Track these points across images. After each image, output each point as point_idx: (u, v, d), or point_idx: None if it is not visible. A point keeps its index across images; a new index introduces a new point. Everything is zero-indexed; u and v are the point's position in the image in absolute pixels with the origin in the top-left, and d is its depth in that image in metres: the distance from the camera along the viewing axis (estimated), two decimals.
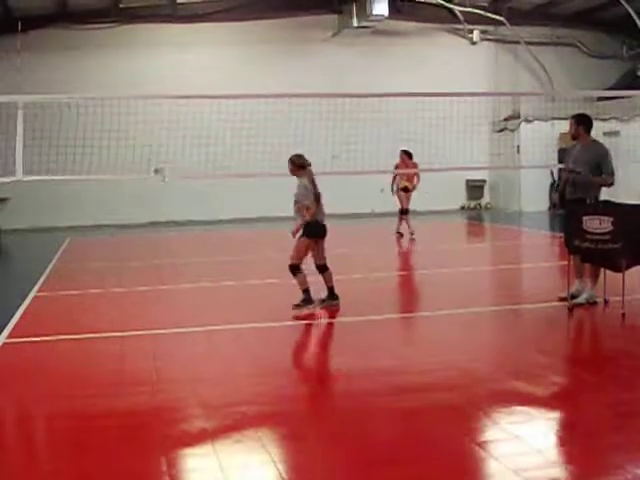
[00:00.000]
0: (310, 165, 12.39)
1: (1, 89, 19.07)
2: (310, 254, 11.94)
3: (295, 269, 11.73)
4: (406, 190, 22.53)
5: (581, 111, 13.12)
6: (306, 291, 11.71)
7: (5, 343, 10.36)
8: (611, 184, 11.85)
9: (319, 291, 11.94)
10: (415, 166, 22.54)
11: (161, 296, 14.08)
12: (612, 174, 11.75)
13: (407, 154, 22.55)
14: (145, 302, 13.66)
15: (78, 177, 21.53)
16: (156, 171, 18.09)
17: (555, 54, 32.83)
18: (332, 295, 12.00)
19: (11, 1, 26.27)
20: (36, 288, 14.80)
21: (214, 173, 24.36)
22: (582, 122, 12.07)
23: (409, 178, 22.67)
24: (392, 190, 22.86)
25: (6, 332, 10.94)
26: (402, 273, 16.24)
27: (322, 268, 12.01)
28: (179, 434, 6.97)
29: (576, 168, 11.76)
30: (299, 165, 12.36)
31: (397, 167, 22.62)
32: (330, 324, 11.32)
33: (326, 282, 12.00)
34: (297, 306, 11.65)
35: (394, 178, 22.79)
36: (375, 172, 24.34)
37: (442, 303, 12.50)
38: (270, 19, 30.28)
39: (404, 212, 22.59)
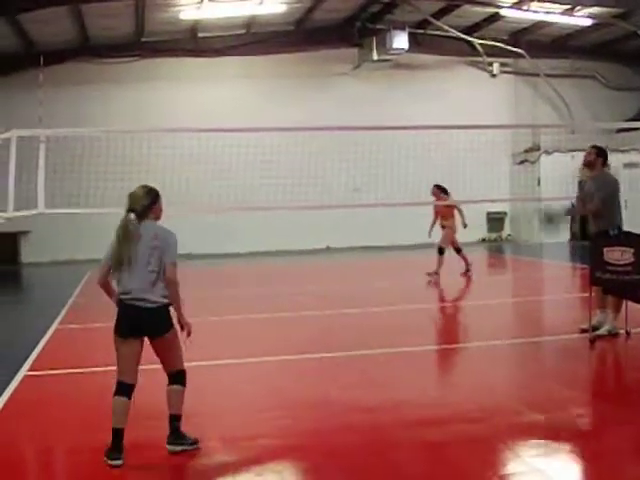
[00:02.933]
0: None
1: (23, 123, 19.17)
2: None
3: None
4: (444, 227, 20.67)
5: (601, 143, 13.14)
6: None
7: (27, 375, 10.38)
8: (591, 210, 11.85)
9: None
10: (446, 200, 20.63)
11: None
12: (600, 200, 11.71)
13: (440, 189, 20.65)
14: None
15: (99, 210, 21.59)
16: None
17: (574, 86, 32.83)
18: None
19: (33, 35, 26.51)
20: (57, 321, 14.84)
21: (234, 206, 24.41)
22: (602, 155, 12.06)
23: (444, 215, 20.67)
24: (429, 234, 20.53)
25: (27, 365, 10.97)
26: (423, 306, 16.19)
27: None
28: (200, 467, 6.96)
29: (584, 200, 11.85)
30: None
31: (435, 207, 20.86)
32: (351, 357, 11.27)
33: None
34: None
35: (434, 219, 20.82)
36: (396, 204, 24.35)
37: (464, 336, 12.48)
38: (290, 53, 30.42)
39: (441, 251, 20.29)
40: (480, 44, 31.19)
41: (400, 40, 28.43)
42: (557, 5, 27.31)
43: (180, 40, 29.38)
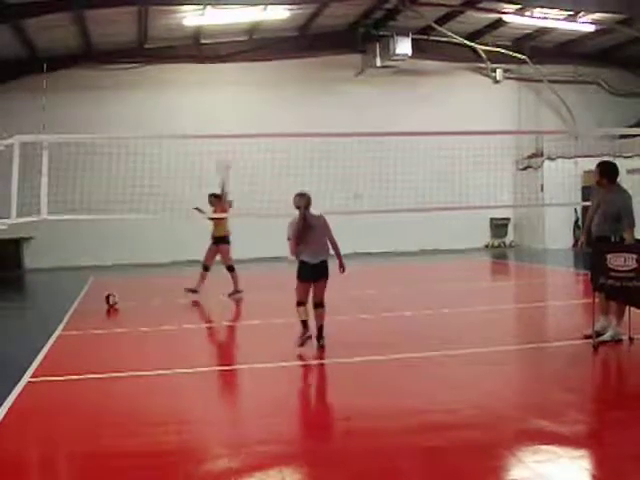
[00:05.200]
0: (302, 206, 12.02)
1: (26, 129, 19.16)
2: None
3: (298, 304, 12.03)
4: None
5: (604, 149, 13.05)
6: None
7: (30, 382, 10.36)
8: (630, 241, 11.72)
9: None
10: None
11: (183, 335, 14.07)
12: (631, 226, 11.64)
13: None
14: (167, 341, 13.63)
15: (102, 217, 21.64)
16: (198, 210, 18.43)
17: (578, 92, 32.84)
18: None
19: (37, 42, 26.53)
20: (61, 327, 14.82)
21: (237, 212, 24.34)
22: (605, 174, 11.95)
23: None
24: None
25: (30, 371, 10.96)
26: (426, 312, 16.17)
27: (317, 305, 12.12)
28: (203, 474, 6.94)
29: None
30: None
31: None
32: (352, 363, 11.25)
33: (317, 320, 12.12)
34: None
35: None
36: (398, 211, 24.33)
37: (467, 341, 12.43)
38: (294, 59, 30.45)
39: None
40: (483, 50, 31.21)
41: (403, 46, 28.47)
42: (560, 11, 27.31)
43: (183, 46, 29.41)
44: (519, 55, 31.33)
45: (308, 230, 11.89)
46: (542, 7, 26.79)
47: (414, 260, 28.08)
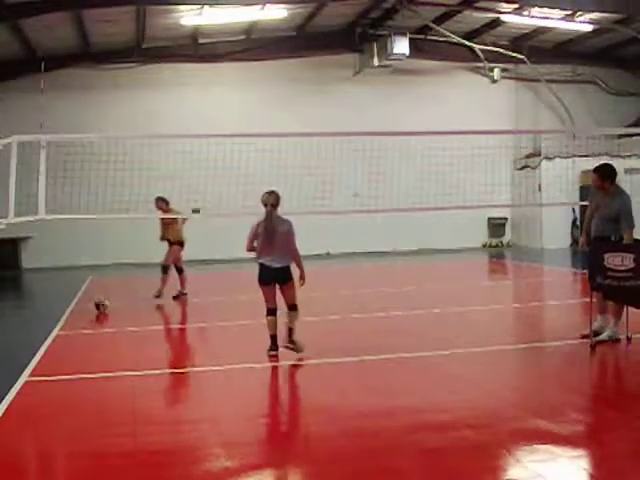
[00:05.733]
0: (269, 204, 11.48)
1: (24, 128, 19.17)
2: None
3: (268, 313, 11.47)
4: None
5: (601, 149, 13.01)
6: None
7: (27, 382, 10.36)
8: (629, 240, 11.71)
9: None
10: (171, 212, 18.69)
11: (180, 335, 14.08)
12: (630, 227, 11.62)
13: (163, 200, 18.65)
14: (164, 341, 13.66)
15: (100, 216, 21.64)
16: (196, 211, 18.37)
17: (575, 92, 32.85)
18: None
19: (35, 41, 26.51)
20: (58, 327, 14.81)
21: (238, 211, 24.33)
22: (607, 177, 11.90)
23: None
24: None
25: (28, 370, 10.97)
26: (423, 311, 16.17)
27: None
28: (200, 474, 6.95)
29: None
30: None
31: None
32: (349, 363, 11.25)
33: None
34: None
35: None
36: (396, 210, 24.35)
37: (464, 341, 12.44)
38: (291, 59, 30.45)
39: None
40: (481, 50, 31.20)
41: (401, 46, 28.44)
42: (558, 11, 27.31)
43: (181, 46, 29.39)
44: (517, 55, 31.33)
45: (272, 232, 11.37)
46: (540, 7, 26.80)
47: (411, 259, 28.08)
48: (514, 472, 6.75)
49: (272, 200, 11.44)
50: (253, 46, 29.80)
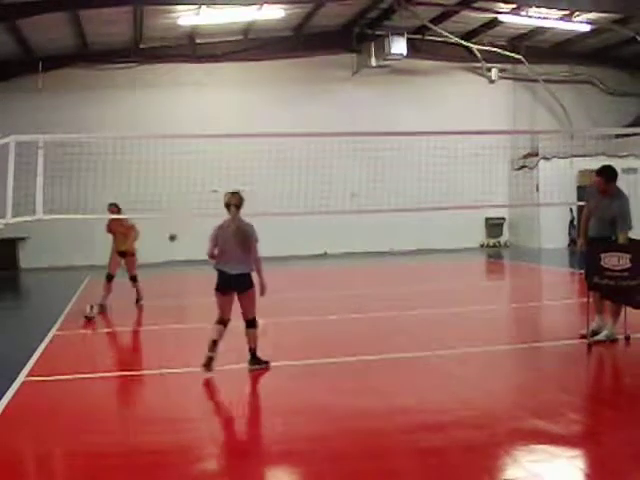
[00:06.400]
0: (233, 204, 10.70)
1: (22, 128, 19.15)
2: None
3: (218, 322, 10.65)
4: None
5: (599, 149, 12.96)
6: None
7: (25, 382, 10.36)
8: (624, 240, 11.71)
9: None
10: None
11: (176, 335, 14.08)
12: (626, 228, 11.60)
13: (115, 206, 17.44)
14: (161, 341, 13.64)
15: (98, 216, 21.57)
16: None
17: (573, 92, 32.88)
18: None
19: (32, 42, 26.52)
20: (56, 327, 14.81)
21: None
22: (612, 179, 11.88)
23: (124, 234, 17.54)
24: None
25: (26, 370, 10.96)
26: (421, 312, 16.17)
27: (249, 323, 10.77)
28: (198, 473, 6.95)
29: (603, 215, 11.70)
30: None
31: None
32: (347, 363, 11.25)
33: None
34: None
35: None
36: (394, 210, 24.34)
37: (462, 341, 12.44)
38: (289, 59, 30.46)
39: None
40: (478, 50, 31.22)
41: (398, 46, 28.46)
42: (555, 11, 27.32)
43: (178, 46, 29.42)
44: (514, 55, 31.36)
45: (235, 235, 10.63)
46: (537, 7, 26.81)
47: (409, 260, 28.09)
48: (512, 472, 6.75)
49: (235, 200, 10.67)
50: (251, 46, 29.83)
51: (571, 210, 29.94)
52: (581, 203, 14.58)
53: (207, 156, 23.20)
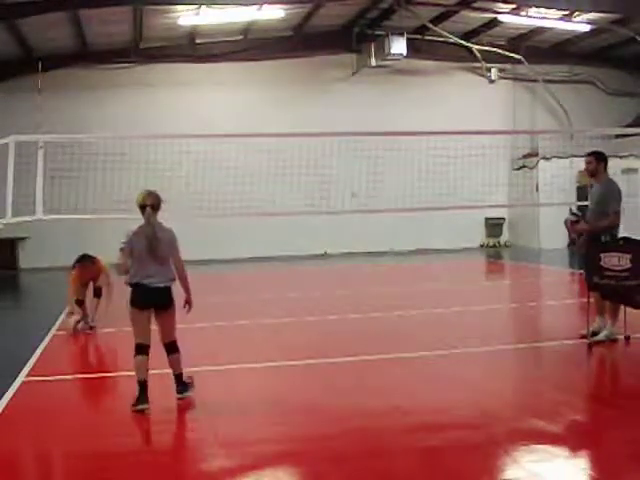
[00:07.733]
0: (148, 204, 9.21)
1: (22, 128, 19.17)
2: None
3: (137, 351, 9.14)
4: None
5: (599, 149, 12.97)
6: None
7: (25, 381, 10.37)
8: (616, 225, 11.72)
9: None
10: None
11: (179, 336, 14.06)
12: (615, 213, 11.63)
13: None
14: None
15: (97, 216, 21.58)
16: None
17: (573, 92, 32.83)
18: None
19: (32, 41, 26.50)
20: (55, 327, 14.81)
21: (231, 212, 24.31)
22: (603, 159, 11.98)
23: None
24: None
25: (26, 370, 10.97)
26: (420, 312, 16.17)
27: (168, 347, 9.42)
28: (199, 473, 6.95)
29: (578, 212, 11.73)
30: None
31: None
32: (347, 363, 11.26)
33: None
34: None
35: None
36: (394, 210, 24.33)
37: (462, 341, 12.44)
38: (288, 59, 30.44)
39: None
40: (478, 50, 31.20)
41: (398, 46, 28.41)
42: (555, 11, 27.31)
43: (178, 46, 29.38)
44: (514, 55, 31.32)
45: (152, 241, 9.09)
46: (537, 7, 26.80)
47: (409, 260, 28.08)
48: (511, 472, 6.76)
49: (151, 200, 9.15)
50: (250, 46, 29.81)
51: (570, 210, 29.83)
52: (581, 203, 14.55)
53: (207, 156, 23.19)
